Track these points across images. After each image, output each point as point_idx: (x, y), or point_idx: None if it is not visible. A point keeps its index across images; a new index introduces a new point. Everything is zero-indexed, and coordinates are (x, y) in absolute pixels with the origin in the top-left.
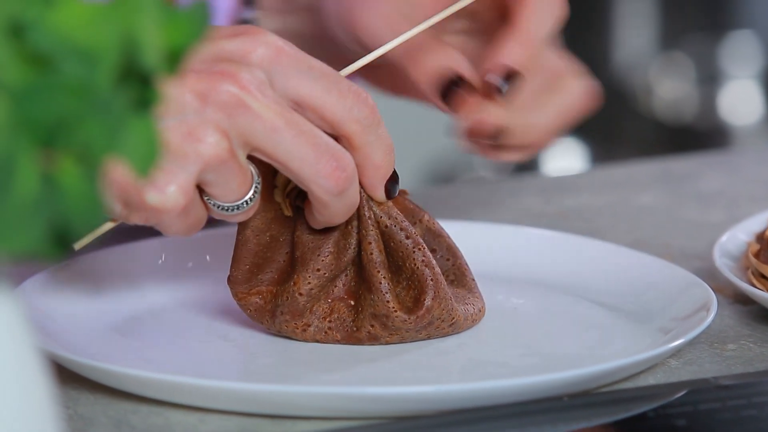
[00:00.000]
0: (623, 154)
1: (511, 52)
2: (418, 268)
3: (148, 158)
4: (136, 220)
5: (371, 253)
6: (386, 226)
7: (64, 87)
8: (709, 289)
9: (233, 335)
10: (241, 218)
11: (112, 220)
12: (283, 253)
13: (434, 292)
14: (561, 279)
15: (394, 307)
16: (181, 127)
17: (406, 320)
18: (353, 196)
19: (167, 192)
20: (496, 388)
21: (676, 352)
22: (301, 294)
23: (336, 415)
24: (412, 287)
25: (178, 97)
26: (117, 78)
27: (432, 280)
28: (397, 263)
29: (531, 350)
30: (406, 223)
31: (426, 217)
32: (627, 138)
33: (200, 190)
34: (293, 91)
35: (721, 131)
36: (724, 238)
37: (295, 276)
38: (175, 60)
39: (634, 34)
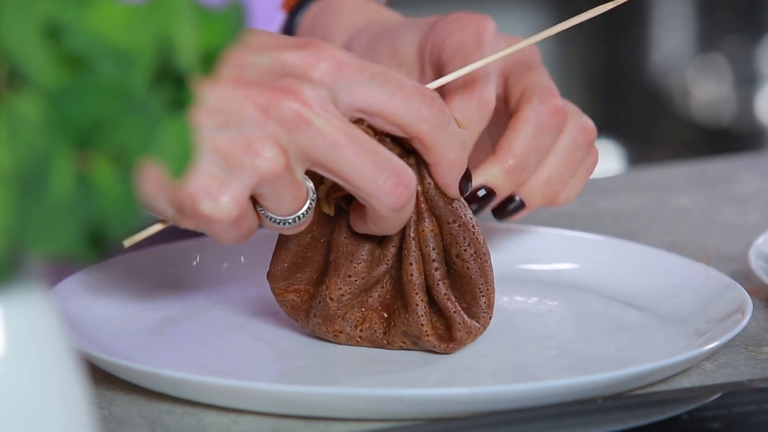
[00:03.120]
0: (660, 156)
1: (488, 172)
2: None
3: (183, 159)
4: (187, 225)
5: (411, 274)
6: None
7: (100, 88)
8: (745, 291)
9: (268, 336)
10: (293, 231)
11: (162, 221)
12: (323, 254)
13: (463, 324)
14: (595, 281)
15: (427, 332)
16: (240, 138)
17: (436, 346)
18: (408, 212)
19: (221, 202)
20: (530, 390)
21: (711, 355)
22: (332, 299)
23: (369, 417)
24: (463, 299)
25: (240, 108)
26: (152, 79)
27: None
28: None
29: (565, 352)
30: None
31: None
32: (663, 140)
33: (254, 201)
34: (358, 102)
35: (758, 133)
36: (760, 240)
37: (328, 280)
38: (210, 61)
39: (671, 36)
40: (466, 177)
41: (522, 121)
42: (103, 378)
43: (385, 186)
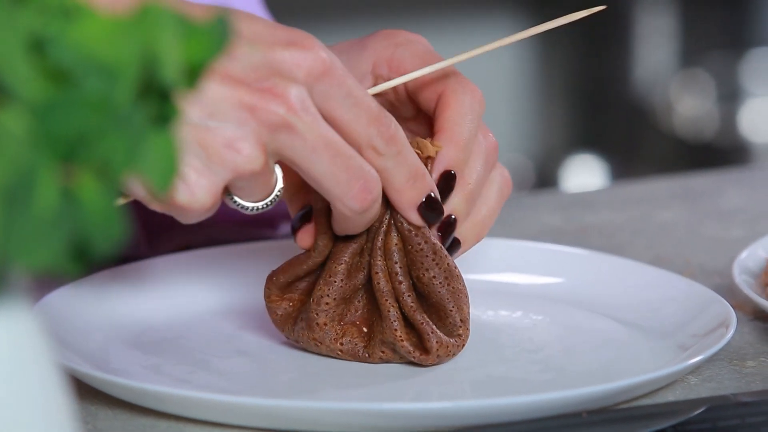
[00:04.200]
0: (643, 171)
1: (442, 156)
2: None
3: (167, 173)
4: (157, 208)
5: (378, 282)
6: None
7: (85, 102)
8: (729, 305)
9: (252, 350)
10: (252, 214)
11: (124, 196)
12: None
13: (433, 334)
14: (580, 295)
15: (400, 337)
16: (224, 134)
17: (411, 352)
18: (372, 213)
19: (196, 193)
20: (515, 404)
21: (695, 369)
22: (313, 300)
23: (353, 431)
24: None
25: (226, 105)
26: (137, 93)
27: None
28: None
29: (550, 366)
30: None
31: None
32: (647, 155)
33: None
34: (326, 111)
35: (742, 148)
36: (743, 254)
37: (315, 288)
38: (194, 75)
39: (654, 51)
40: (431, 208)
41: (473, 154)
42: (87, 393)
43: (351, 190)
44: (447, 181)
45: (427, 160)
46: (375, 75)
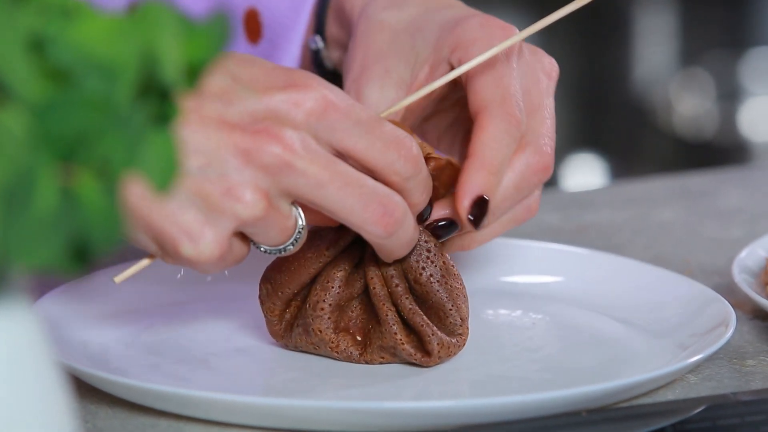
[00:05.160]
0: (643, 170)
1: (474, 181)
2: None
3: (167, 173)
4: (171, 263)
5: (374, 288)
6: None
7: (84, 102)
8: (728, 304)
9: (252, 349)
10: (284, 255)
11: (150, 256)
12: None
13: (434, 336)
14: (580, 295)
15: (401, 340)
16: (221, 182)
17: (413, 354)
18: (406, 234)
19: (201, 245)
20: (514, 403)
21: (695, 368)
22: (309, 305)
23: (353, 429)
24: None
25: (222, 151)
26: (136, 93)
27: (431, 329)
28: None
29: (549, 365)
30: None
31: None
32: (646, 154)
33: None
34: (337, 144)
35: (741, 147)
36: (743, 253)
37: (311, 293)
38: (194, 74)
39: (654, 50)
40: (444, 225)
41: (509, 170)
42: (87, 391)
43: (371, 217)
44: (480, 207)
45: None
46: (436, 59)
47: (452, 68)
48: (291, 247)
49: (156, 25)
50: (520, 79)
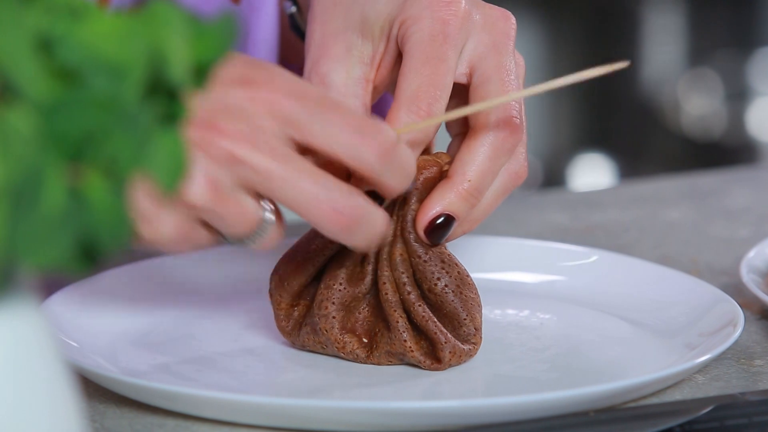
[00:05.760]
0: (650, 170)
1: (443, 200)
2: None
3: (175, 172)
4: (136, 244)
5: (386, 293)
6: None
7: (92, 101)
8: (736, 304)
9: (259, 349)
10: (250, 248)
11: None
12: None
13: (448, 344)
14: (587, 294)
15: (411, 348)
16: None
17: (422, 362)
18: (370, 230)
19: (158, 229)
20: (522, 403)
21: (703, 368)
22: (315, 305)
23: (361, 429)
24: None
25: None
26: (144, 92)
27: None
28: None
29: (557, 365)
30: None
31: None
32: (654, 153)
33: None
34: (299, 137)
35: (749, 147)
36: (751, 253)
37: (317, 292)
38: (201, 74)
39: (662, 50)
40: (439, 225)
41: (478, 144)
42: (95, 391)
43: (324, 215)
44: (444, 225)
45: (442, 173)
46: (387, 36)
47: (398, 45)
48: (254, 240)
49: (163, 25)
50: (474, 46)
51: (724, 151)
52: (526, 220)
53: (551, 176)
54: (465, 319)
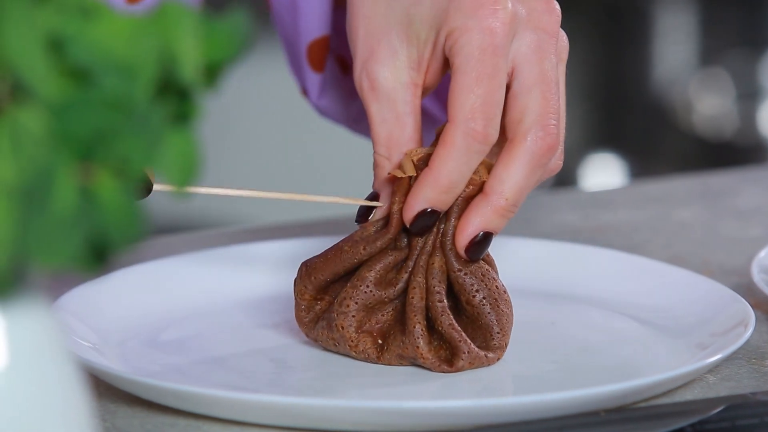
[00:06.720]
0: (662, 170)
1: (420, 195)
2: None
3: (187, 172)
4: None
5: (413, 297)
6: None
7: (103, 101)
8: (748, 304)
9: (270, 348)
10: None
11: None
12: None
13: (468, 354)
14: (598, 294)
15: (422, 354)
16: None
17: (434, 365)
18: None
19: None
20: (532, 402)
21: (714, 368)
22: (336, 300)
23: (372, 429)
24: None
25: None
26: (155, 92)
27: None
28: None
29: (568, 365)
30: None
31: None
32: (666, 153)
33: None
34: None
35: (760, 147)
36: (762, 253)
37: (342, 290)
38: (213, 74)
39: (673, 50)
40: (478, 243)
41: (516, 160)
42: (106, 390)
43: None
44: (425, 220)
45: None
46: (434, 45)
47: (444, 53)
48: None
49: (175, 25)
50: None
51: (736, 151)
52: (537, 220)
53: (562, 176)
54: (498, 333)
